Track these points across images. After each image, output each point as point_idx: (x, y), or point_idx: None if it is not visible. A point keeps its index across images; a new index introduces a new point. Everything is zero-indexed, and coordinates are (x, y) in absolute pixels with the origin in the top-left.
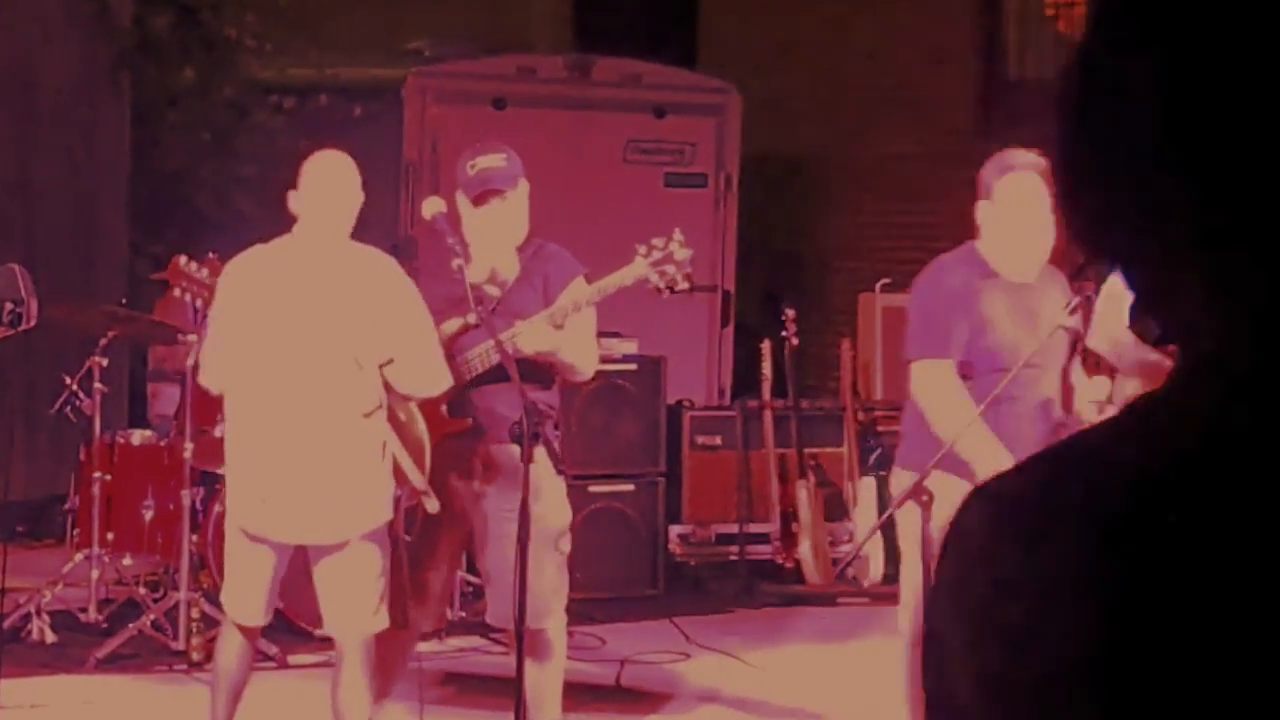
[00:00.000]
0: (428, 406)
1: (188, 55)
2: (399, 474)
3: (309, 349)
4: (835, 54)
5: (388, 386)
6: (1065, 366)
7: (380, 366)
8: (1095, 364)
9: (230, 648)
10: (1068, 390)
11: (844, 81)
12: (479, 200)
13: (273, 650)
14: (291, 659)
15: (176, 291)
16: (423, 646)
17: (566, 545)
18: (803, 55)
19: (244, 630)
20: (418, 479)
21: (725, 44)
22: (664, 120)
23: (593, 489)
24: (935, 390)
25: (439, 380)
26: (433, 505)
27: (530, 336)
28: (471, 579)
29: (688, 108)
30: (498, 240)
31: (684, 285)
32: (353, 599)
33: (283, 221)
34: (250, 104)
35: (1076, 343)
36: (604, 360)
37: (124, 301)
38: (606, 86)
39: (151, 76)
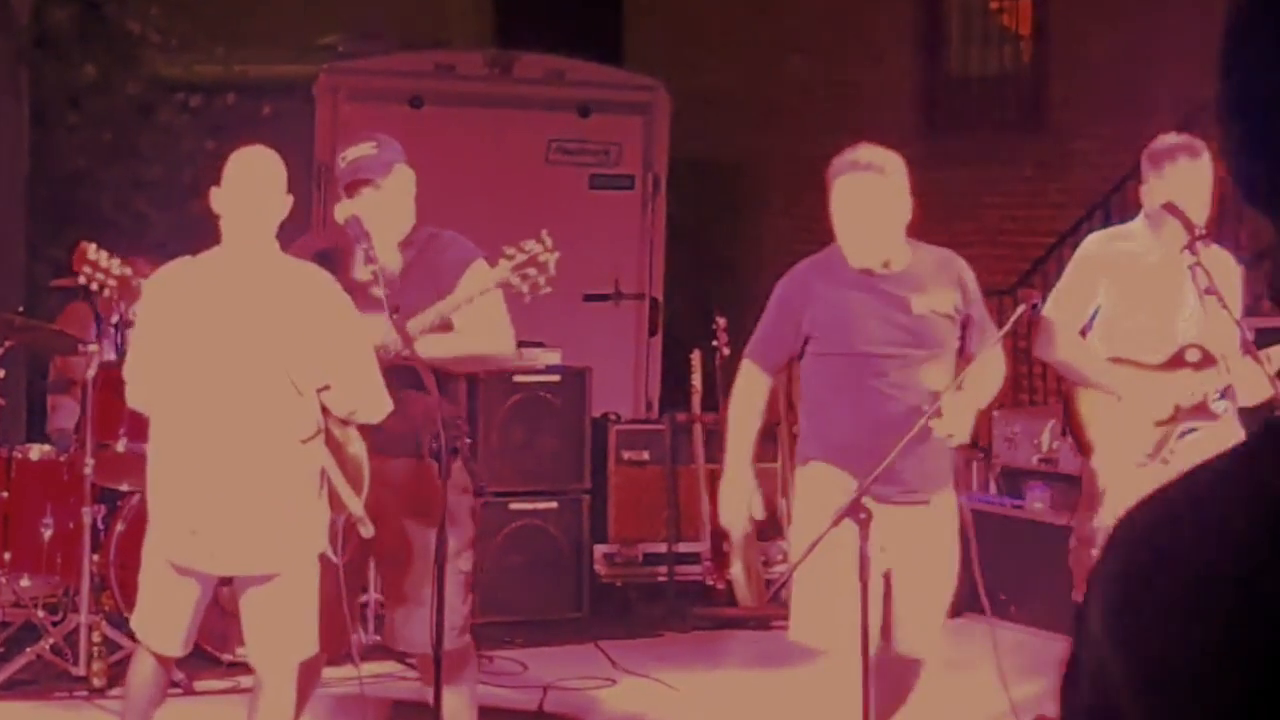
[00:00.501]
0: None
1: (89, 51)
2: (335, 500)
3: (244, 371)
4: (768, 49)
5: (325, 407)
6: (965, 352)
7: (317, 391)
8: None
9: (144, 673)
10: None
11: (778, 78)
12: (350, 191)
13: (179, 676)
14: (199, 685)
15: (81, 278)
16: (336, 673)
17: (466, 564)
18: (734, 50)
19: (160, 658)
20: (355, 506)
21: (652, 39)
22: (589, 119)
23: (514, 506)
24: (737, 388)
25: (379, 405)
26: (367, 530)
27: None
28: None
29: (613, 106)
30: (374, 233)
31: (546, 289)
32: (282, 630)
33: (188, 226)
34: (155, 102)
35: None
36: (526, 372)
37: (21, 310)
38: (528, 84)
39: (51, 73)
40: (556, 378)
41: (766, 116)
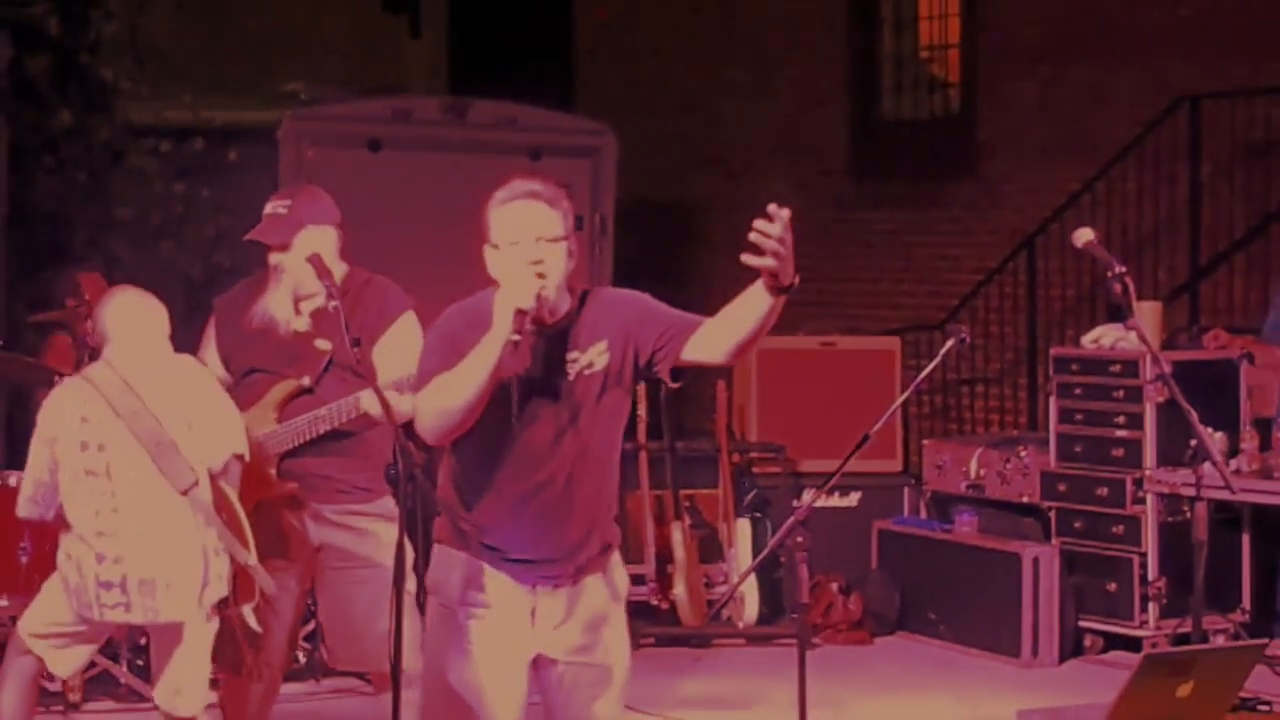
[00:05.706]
0: (250, 469)
1: (64, 98)
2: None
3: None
4: (710, 94)
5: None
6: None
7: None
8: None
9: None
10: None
11: (719, 122)
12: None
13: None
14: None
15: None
16: (296, 688)
17: (412, 584)
18: (678, 96)
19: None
20: (243, 555)
21: (603, 85)
22: (539, 162)
23: None
24: None
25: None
26: (268, 586)
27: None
28: None
29: (563, 150)
30: (283, 296)
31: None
32: (182, 679)
33: (156, 265)
34: (126, 147)
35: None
36: None
37: (1, 344)
38: (482, 129)
39: (29, 119)
40: None
41: (709, 160)
